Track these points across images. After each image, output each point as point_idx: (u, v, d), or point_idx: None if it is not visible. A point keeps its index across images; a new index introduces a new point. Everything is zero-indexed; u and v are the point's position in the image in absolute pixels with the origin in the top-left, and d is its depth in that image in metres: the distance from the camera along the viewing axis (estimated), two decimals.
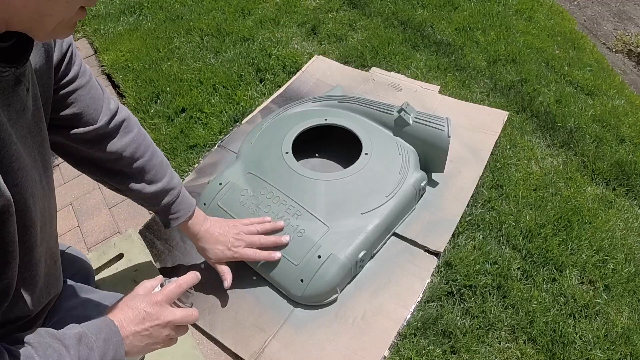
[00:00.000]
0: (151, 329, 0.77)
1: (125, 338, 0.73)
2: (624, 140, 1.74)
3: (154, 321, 0.77)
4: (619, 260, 1.35)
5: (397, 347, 1.17)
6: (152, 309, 0.77)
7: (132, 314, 0.76)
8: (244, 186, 1.39)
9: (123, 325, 0.74)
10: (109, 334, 0.71)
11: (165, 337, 0.80)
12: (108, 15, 2.50)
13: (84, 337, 0.67)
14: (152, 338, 0.77)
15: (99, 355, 0.67)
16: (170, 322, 0.79)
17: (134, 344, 0.75)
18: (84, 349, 0.65)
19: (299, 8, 2.42)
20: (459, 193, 1.49)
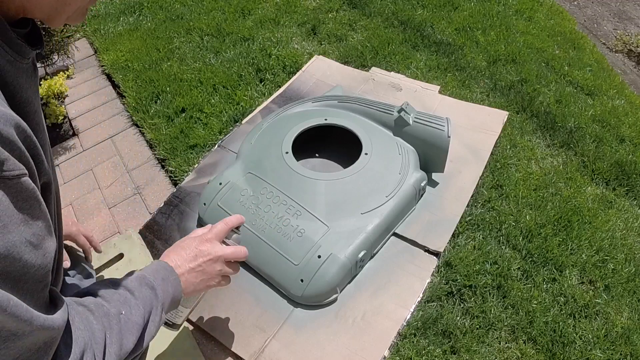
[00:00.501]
0: (204, 265, 0.82)
1: (181, 276, 0.78)
2: (624, 140, 1.74)
3: (206, 257, 0.82)
4: (619, 260, 1.35)
5: (397, 347, 1.17)
6: (203, 247, 0.83)
7: (185, 253, 0.81)
8: (244, 186, 1.39)
9: (178, 265, 0.79)
10: (166, 274, 0.76)
11: (218, 272, 0.84)
12: (108, 15, 2.50)
13: (144, 279, 0.71)
14: (206, 274, 0.82)
15: (160, 294, 0.71)
16: (221, 257, 0.84)
17: (189, 281, 0.80)
18: (146, 290, 0.70)
19: (299, 8, 2.42)
20: (459, 193, 1.49)
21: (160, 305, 0.71)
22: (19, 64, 0.54)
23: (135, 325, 0.65)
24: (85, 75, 2.23)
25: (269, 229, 1.29)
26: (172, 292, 0.75)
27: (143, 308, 0.67)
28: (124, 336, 0.62)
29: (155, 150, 1.78)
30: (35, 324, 0.46)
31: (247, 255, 0.89)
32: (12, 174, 0.45)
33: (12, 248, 0.44)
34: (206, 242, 0.84)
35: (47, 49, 1.78)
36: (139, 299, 0.68)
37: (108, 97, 2.10)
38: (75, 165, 1.82)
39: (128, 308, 0.65)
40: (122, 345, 0.62)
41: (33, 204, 0.48)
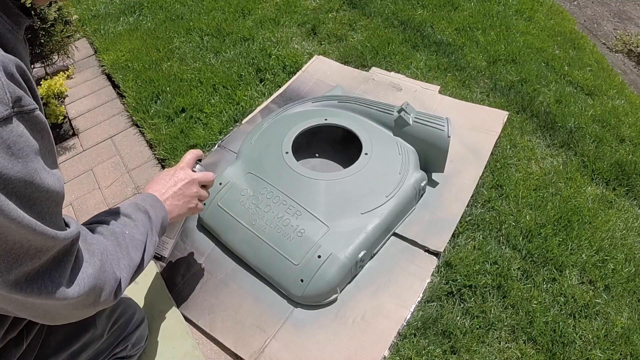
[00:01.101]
0: (183, 187, 0.96)
1: (166, 200, 0.91)
2: (624, 140, 1.74)
3: (184, 180, 0.97)
4: (619, 260, 1.35)
5: (397, 347, 1.17)
6: (179, 174, 0.97)
7: (164, 182, 0.95)
8: (244, 186, 1.39)
9: (162, 192, 0.92)
10: (153, 201, 0.87)
11: (195, 193, 0.98)
12: (108, 15, 2.50)
13: (137, 205, 0.81)
14: (186, 196, 0.96)
15: (153, 216, 0.82)
16: (195, 180, 0.98)
17: (173, 204, 0.93)
18: (140, 214, 0.80)
19: (299, 8, 2.42)
20: (459, 193, 1.49)
21: (153, 227, 0.82)
22: (16, 33, 0.58)
23: (139, 242, 0.75)
24: (85, 75, 2.23)
25: (269, 229, 1.29)
26: (161, 217, 0.86)
27: (142, 228, 0.78)
28: (131, 251, 0.72)
29: (155, 150, 1.78)
30: (59, 238, 0.54)
31: (214, 179, 1.04)
32: (29, 108, 0.50)
33: (34, 174, 0.49)
34: (180, 170, 0.99)
35: (47, 49, 1.78)
36: (136, 220, 0.78)
37: (108, 97, 2.10)
38: (75, 165, 1.82)
39: (130, 228, 0.75)
40: (131, 259, 0.71)
41: (44, 134, 0.53)
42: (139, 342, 1.04)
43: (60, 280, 0.56)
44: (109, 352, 0.94)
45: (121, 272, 0.68)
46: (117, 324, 0.94)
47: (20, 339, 0.71)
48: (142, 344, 1.06)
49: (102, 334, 0.89)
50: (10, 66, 0.48)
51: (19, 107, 0.48)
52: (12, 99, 0.47)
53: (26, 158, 0.48)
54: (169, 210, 0.91)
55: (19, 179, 0.47)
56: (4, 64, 0.48)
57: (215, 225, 1.37)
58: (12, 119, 0.47)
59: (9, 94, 0.47)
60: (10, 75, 0.48)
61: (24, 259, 0.51)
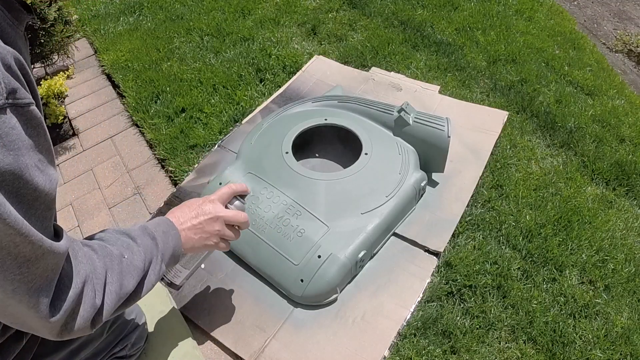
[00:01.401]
0: (204, 223, 0.87)
1: (181, 231, 0.83)
2: (624, 140, 1.74)
3: (207, 215, 0.87)
4: (619, 260, 1.35)
5: (397, 347, 1.17)
6: (205, 206, 0.88)
7: (188, 211, 0.87)
8: None
9: (180, 221, 0.85)
10: (167, 227, 0.81)
11: (217, 232, 0.88)
12: (108, 15, 2.50)
13: (146, 229, 0.76)
14: (205, 232, 0.87)
15: (161, 244, 0.76)
16: (221, 218, 0.88)
17: (189, 237, 0.85)
18: (147, 239, 0.74)
19: (299, 8, 2.42)
20: (459, 193, 1.49)
21: (160, 255, 0.75)
22: (16, 29, 0.57)
23: (136, 269, 0.69)
24: (85, 75, 2.23)
25: (269, 229, 1.29)
26: (172, 245, 0.79)
27: (144, 254, 0.72)
28: (124, 277, 0.66)
29: (155, 150, 1.78)
30: (46, 247, 0.50)
31: (247, 222, 0.93)
32: (24, 102, 0.48)
33: (25, 169, 0.47)
34: (209, 203, 0.89)
35: (47, 48, 1.78)
36: (140, 246, 0.72)
37: (108, 97, 2.10)
38: (75, 165, 1.82)
39: (130, 253, 0.70)
40: (122, 285, 0.66)
41: (40, 131, 0.51)
42: (139, 342, 1.04)
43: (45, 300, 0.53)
44: (108, 351, 0.94)
45: (105, 299, 0.62)
46: (116, 323, 0.94)
47: (20, 335, 0.70)
48: (142, 344, 1.06)
49: (101, 333, 0.89)
50: (8, 58, 0.48)
51: (13, 99, 0.47)
52: (6, 90, 0.46)
53: (17, 152, 0.46)
54: (183, 242, 0.84)
55: (8, 172, 0.45)
56: (2, 55, 0.47)
57: None
58: (6, 110, 0.46)
59: (3, 84, 0.46)
60: (7, 67, 0.47)
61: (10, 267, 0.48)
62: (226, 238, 0.91)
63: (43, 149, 0.52)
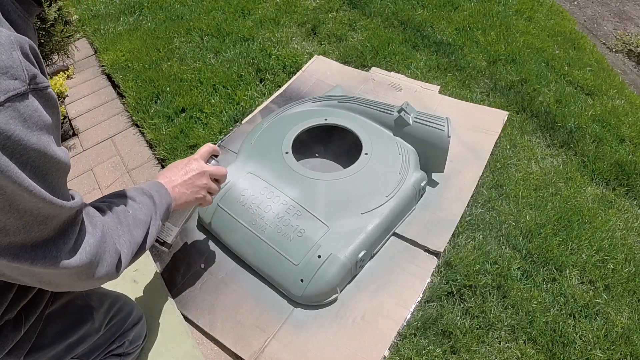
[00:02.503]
0: (193, 178, 0.98)
1: (174, 188, 0.94)
2: (624, 140, 1.74)
3: (195, 171, 0.99)
4: (619, 260, 1.35)
5: (397, 347, 1.17)
6: (191, 164, 1.00)
7: (176, 170, 0.98)
8: (244, 186, 1.39)
9: (171, 179, 0.95)
10: (159, 188, 0.90)
11: (204, 185, 1.00)
12: (108, 15, 2.50)
13: (142, 189, 0.85)
14: (194, 187, 0.98)
15: (157, 201, 0.86)
16: (207, 172, 1.01)
17: (181, 192, 0.95)
18: (145, 197, 0.83)
19: (299, 8, 2.42)
20: (459, 193, 1.49)
21: (157, 211, 0.84)
22: (27, 21, 0.61)
23: (141, 222, 0.78)
24: (85, 75, 2.23)
25: (269, 229, 1.29)
26: (165, 202, 0.89)
27: (146, 209, 0.80)
28: (133, 230, 0.75)
29: (155, 150, 1.78)
30: (64, 205, 0.56)
31: (226, 175, 1.06)
32: (43, 85, 0.53)
33: (47, 146, 0.52)
34: (194, 161, 1.01)
35: (47, 49, 1.78)
36: (140, 203, 0.80)
37: (108, 97, 2.10)
38: (75, 165, 1.81)
39: (133, 209, 0.78)
40: (132, 237, 0.74)
41: (55, 111, 0.56)
42: (137, 340, 1.04)
43: (64, 247, 0.58)
44: (105, 348, 0.94)
45: (122, 247, 0.70)
46: (114, 319, 0.94)
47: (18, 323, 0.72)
48: (140, 342, 1.06)
49: (99, 328, 0.90)
50: (26, 46, 0.52)
51: (34, 84, 0.51)
52: (28, 76, 0.50)
53: (40, 132, 0.51)
54: (176, 197, 0.93)
55: (34, 150, 0.50)
56: (21, 44, 0.51)
57: (215, 225, 1.37)
58: (28, 94, 0.50)
59: (25, 71, 0.50)
60: (26, 55, 0.51)
61: (32, 226, 0.54)
62: (211, 191, 1.04)
63: (56, 127, 0.57)
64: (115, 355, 0.98)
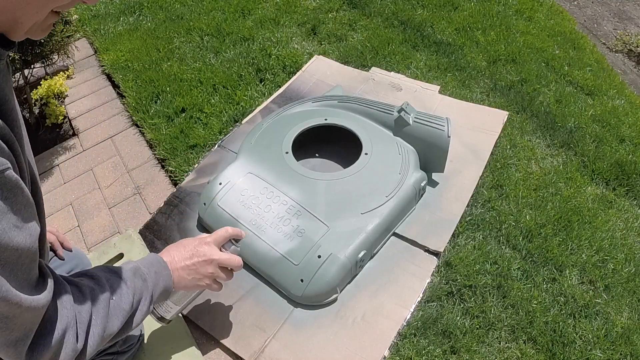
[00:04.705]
0: (198, 264, 0.89)
1: (174, 271, 0.86)
2: (624, 140, 1.74)
3: (201, 257, 0.90)
4: (619, 260, 1.35)
5: (397, 347, 1.17)
6: (200, 248, 0.91)
7: (183, 250, 0.89)
8: (244, 186, 1.39)
9: (174, 260, 0.87)
10: (159, 268, 0.83)
11: (210, 274, 0.91)
12: (108, 15, 2.50)
13: (138, 270, 0.78)
14: (198, 274, 0.89)
15: (151, 286, 0.79)
16: (215, 261, 0.91)
17: (181, 276, 0.87)
18: (138, 280, 0.76)
19: (299, 8, 2.42)
20: (459, 193, 1.49)
21: (149, 296, 0.78)
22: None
23: (123, 311, 0.71)
24: (85, 75, 2.23)
25: (269, 229, 1.29)
26: (162, 286, 0.82)
27: (132, 297, 0.74)
28: (109, 320, 0.69)
29: (155, 150, 1.78)
30: (24, 305, 0.52)
31: (241, 266, 0.96)
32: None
33: (3, 235, 0.48)
34: (204, 245, 0.91)
35: (47, 48, 1.78)
36: (130, 288, 0.74)
37: (108, 97, 2.10)
38: (75, 165, 1.82)
39: (119, 295, 0.72)
40: (106, 327, 0.68)
41: (17, 192, 0.51)
42: (131, 339, 1.03)
43: (23, 348, 0.55)
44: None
45: (88, 341, 0.64)
46: None
47: None
48: (134, 341, 1.05)
49: None
50: None
51: None
52: None
53: None
54: (176, 282, 0.86)
55: None
56: None
57: (215, 225, 1.37)
58: None
59: None
60: None
61: None
62: (219, 280, 0.94)
63: (21, 206, 0.52)
64: (108, 354, 0.97)
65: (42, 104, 2.05)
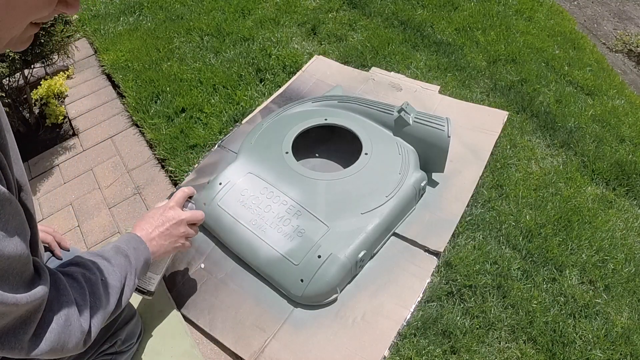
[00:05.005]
0: (170, 228, 0.97)
1: (151, 241, 0.93)
2: (624, 140, 1.74)
3: (171, 221, 0.98)
4: (619, 260, 1.35)
5: (397, 347, 1.17)
6: (168, 213, 0.99)
7: (153, 221, 0.97)
8: (244, 186, 1.39)
9: (148, 232, 0.94)
10: (137, 243, 0.88)
11: (182, 233, 1.00)
12: (108, 15, 2.50)
13: (119, 249, 0.82)
14: (172, 236, 0.98)
15: (133, 261, 0.83)
16: (183, 220, 1.00)
17: (159, 243, 0.95)
18: (121, 258, 0.81)
19: (299, 8, 2.42)
20: (459, 193, 1.49)
21: (133, 271, 0.82)
22: None
23: (114, 288, 0.75)
24: (85, 75, 2.23)
25: (269, 229, 1.29)
26: (143, 259, 0.87)
27: (120, 273, 0.78)
28: (106, 299, 0.72)
29: (155, 150, 1.78)
30: (21, 303, 0.54)
31: (203, 218, 1.05)
32: None
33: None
34: (169, 210, 1.00)
35: (47, 48, 1.78)
36: (115, 266, 0.78)
37: (108, 97, 2.10)
38: (75, 165, 1.82)
39: (107, 274, 0.75)
40: (105, 307, 0.72)
41: (4, 204, 0.53)
42: (130, 339, 1.03)
43: (24, 337, 0.57)
44: (96, 349, 0.93)
45: (91, 321, 0.68)
46: None
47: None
48: (134, 340, 1.05)
49: None
50: None
51: None
52: None
53: None
54: (154, 251, 0.93)
55: None
56: None
57: (215, 225, 1.37)
58: None
59: None
60: None
61: None
62: (189, 237, 1.03)
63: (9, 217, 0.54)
64: (108, 355, 0.98)
65: (42, 104, 2.06)
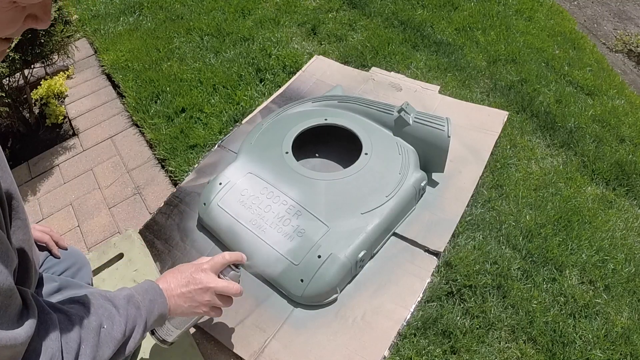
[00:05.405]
0: (194, 292, 0.86)
1: (170, 298, 0.84)
2: (624, 140, 1.74)
3: (197, 285, 0.87)
4: (619, 260, 1.35)
5: (397, 347, 1.17)
6: (197, 275, 0.88)
7: (180, 277, 0.87)
8: (244, 186, 1.39)
9: (170, 287, 0.85)
10: (155, 295, 0.81)
11: (206, 302, 0.88)
12: (108, 15, 2.50)
13: (132, 298, 0.76)
14: (194, 301, 0.87)
15: (145, 313, 0.77)
16: (212, 289, 0.88)
17: (177, 304, 0.85)
18: (132, 308, 0.74)
19: (299, 8, 2.42)
20: (459, 193, 1.49)
21: (143, 324, 0.76)
22: None
23: (114, 340, 0.69)
24: (85, 75, 2.23)
25: (269, 229, 1.29)
26: (157, 313, 0.80)
27: (125, 325, 0.72)
28: (100, 349, 0.66)
29: (155, 150, 1.78)
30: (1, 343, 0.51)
31: (240, 293, 0.92)
32: None
33: None
34: (201, 272, 0.89)
35: (47, 48, 1.78)
36: (122, 316, 0.72)
37: (108, 97, 2.10)
38: (75, 165, 1.82)
39: (110, 323, 0.70)
40: (95, 357, 0.65)
41: None
42: None
43: None
44: None
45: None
46: None
47: None
48: None
49: None
50: None
51: None
52: None
53: None
54: (171, 308, 0.85)
55: None
56: None
57: (215, 225, 1.37)
58: None
59: None
60: None
61: None
62: (217, 307, 0.91)
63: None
64: None
65: (42, 104, 2.06)
